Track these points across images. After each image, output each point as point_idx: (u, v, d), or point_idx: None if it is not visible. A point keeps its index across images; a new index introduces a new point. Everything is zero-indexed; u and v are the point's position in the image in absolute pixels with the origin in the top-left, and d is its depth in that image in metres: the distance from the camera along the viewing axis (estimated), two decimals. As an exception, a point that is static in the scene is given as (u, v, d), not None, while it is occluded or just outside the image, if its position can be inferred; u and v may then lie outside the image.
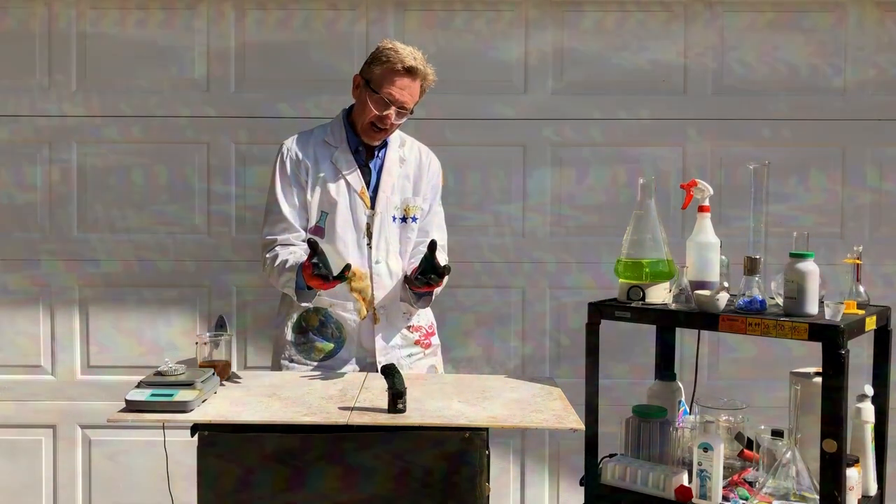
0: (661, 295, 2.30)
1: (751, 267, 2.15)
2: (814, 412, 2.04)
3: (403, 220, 2.60)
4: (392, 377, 2.02)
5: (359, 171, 2.56)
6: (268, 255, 2.52)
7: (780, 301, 2.15)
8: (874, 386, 2.29)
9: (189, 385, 2.04)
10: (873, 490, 2.26)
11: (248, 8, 3.27)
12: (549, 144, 3.30)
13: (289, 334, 2.58)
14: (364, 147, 2.57)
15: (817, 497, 2.02)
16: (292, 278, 2.42)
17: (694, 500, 2.11)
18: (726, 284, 2.18)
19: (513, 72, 3.30)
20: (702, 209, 2.30)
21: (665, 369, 2.54)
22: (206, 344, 2.32)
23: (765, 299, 2.14)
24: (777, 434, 2.15)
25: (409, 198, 2.61)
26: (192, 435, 1.95)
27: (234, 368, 3.18)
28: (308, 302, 2.49)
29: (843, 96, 3.30)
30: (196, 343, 2.33)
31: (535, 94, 3.30)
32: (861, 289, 2.26)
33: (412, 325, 2.63)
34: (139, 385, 2.06)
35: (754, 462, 2.22)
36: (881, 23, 3.29)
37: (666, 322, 2.41)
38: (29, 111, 3.25)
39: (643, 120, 3.28)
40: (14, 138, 3.26)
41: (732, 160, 3.24)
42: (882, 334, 2.28)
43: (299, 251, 2.48)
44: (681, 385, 2.49)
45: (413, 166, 2.64)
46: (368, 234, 2.54)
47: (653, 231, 2.31)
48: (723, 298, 2.15)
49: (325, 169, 2.54)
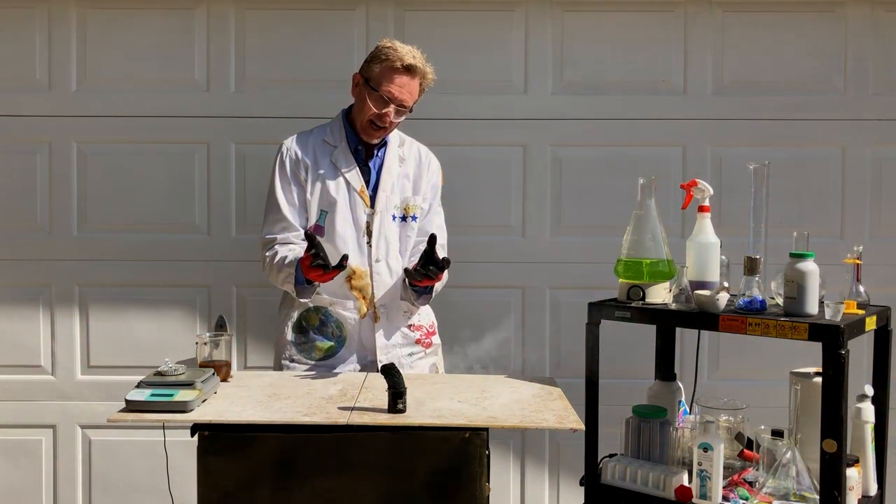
0: (661, 295, 2.30)
1: (751, 267, 2.15)
2: (814, 412, 2.04)
3: (403, 219, 2.60)
4: (392, 377, 2.02)
5: (358, 170, 2.56)
6: (267, 253, 2.52)
7: (780, 301, 2.15)
8: (874, 386, 2.29)
9: (189, 385, 2.04)
10: (873, 490, 2.26)
11: (248, 8, 3.27)
12: (549, 144, 3.30)
13: (289, 334, 2.58)
14: (363, 146, 2.57)
15: (817, 497, 2.02)
16: (291, 274, 2.43)
17: (694, 500, 2.11)
18: (726, 284, 2.18)
19: (513, 72, 3.30)
20: (702, 209, 2.30)
21: (665, 369, 2.54)
22: (206, 344, 2.32)
23: (765, 299, 2.14)
24: (777, 434, 2.15)
25: (409, 197, 2.61)
26: (192, 435, 1.95)
27: (234, 368, 3.19)
28: (307, 298, 2.49)
29: (843, 96, 3.30)
30: (196, 343, 2.33)
31: (535, 94, 3.30)
32: (861, 289, 2.25)
33: (413, 325, 2.63)
34: (139, 385, 2.06)
35: (754, 462, 2.22)
36: (881, 23, 3.29)
37: (666, 322, 2.41)
38: (29, 111, 3.25)
39: (643, 120, 3.28)
40: (14, 138, 3.26)
41: (732, 160, 3.24)
42: (882, 334, 2.28)
43: (298, 249, 2.48)
44: (681, 385, 2.50)
45: (413, 165, 2.64)
46: (368, 232, 2.54)
47: (653, 231, 2.31)
48: (723, 298, 2.15)
49: (324, 168, 2.55)
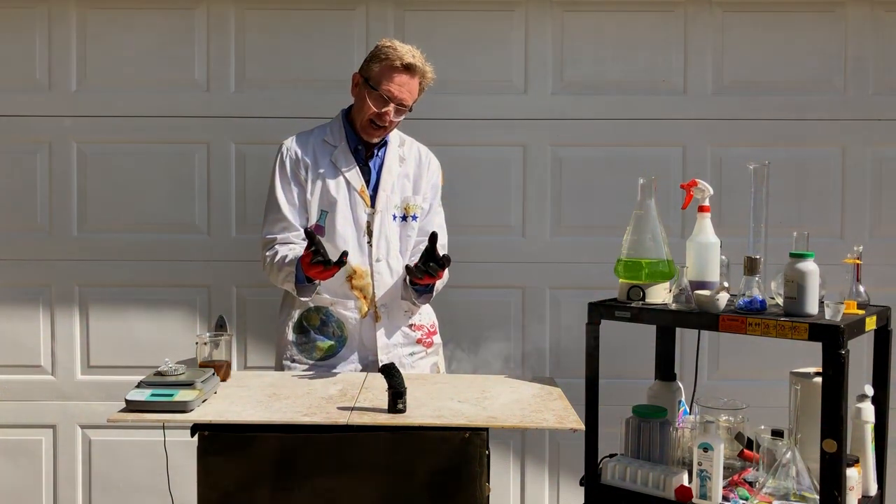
0: (661, 295, 2.30)
1: (751, 267, 2.15)
2: (814, 412, 2.04)
3: (404, 218, 2.60)
4: (392, 377, 2.02)
5: (358, 170, 2.56)
6: (267, 253, 2.53)
7: (780, 301, 2.15)
8: (874, 386, 2.29)
9: (189, 385, 2.04)
10: (873, 490, 2.26)
11: (248, 8, 3.26)
12: (549, 144, 3.30)
13: (290, 334, 2.58)
14: (364, 146, 2.57)
15: (817, 497, 2.02)
16: (292, 272, 2.43)
17: (694, 500, 2.11)
18: (726, 284, 2.18)
19: (513, 72, 3.29)
20: (702, 209, 2.30)
21: (665, 369, 2.54)
22: (206, 344, 2.32)
23: (765, 299, 2.14)
24: (777, 434, 2.15)
25: (409, 196, 2.61)
26: (192, 435, 1.95)
27: (234, 368, 3.19)
28: (308, 297, 2.49)
29: (843, 96, 3.30)
30: (196, 343, 2.33)
31: (535, 94, 3.30)
32: (861, 289, 2.25)
33: (414, 324, 2.63)
34: (139, 385, 2.06)
35: (754, 462, 2.22)
36: (881, 23, 3.29)
37: (666, 322, 2.40)
38: (29, 111, 3.25)
39: (643, 120, 3.28)
40: (14, 138, 3.26)
41: (732, 160, 3.24)
42: (882, 334, 2.28)
43: (298, 248, 2.48)
44: (681, 385, 2.50)
45: (413, 165, 2.64)
46: (369, 232, 2.54)
47: (653, 231, 2.31)
48: (723, 298, 2.15)
49: (324, 167, 2.55)
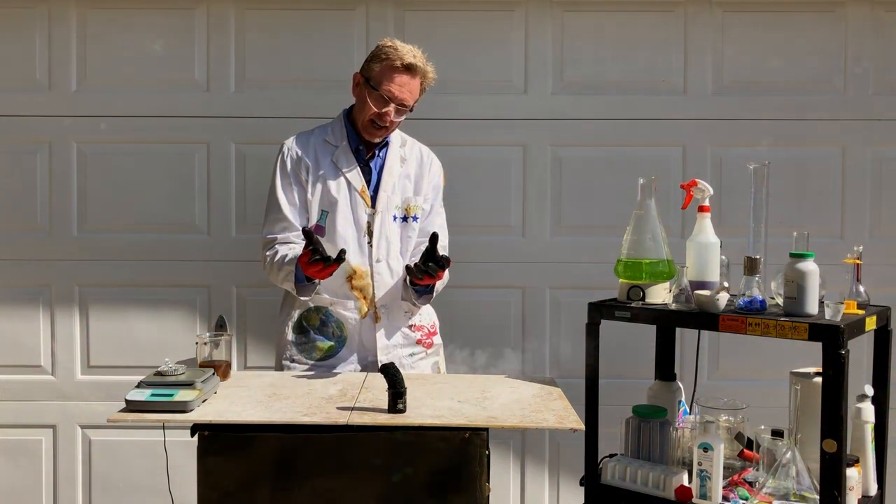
0: (661, 295, 2.30)
1: (751, 267, 2.15)
2: (814, 412, 2.04)
3: (404, 219, 2.60)
4: (392, 377, 2.02)
5: (359, 170, 2.56)
6: (267, 252, 2.53)
7: (780, 301, 2.15)
8: (874, 386, 2.28)
9: (189, 385, 2.04)
10: (873, 490, 2.26)
11: (248, 8, 3.26)
12: (549, 144, 3.30)
13: (289, 334, 2.58)
14: (365, 146, 2.57)
15: (817, 497, 2.02)
16: (291, 272, 2.43)
17: (694, 500, 2.11)
18: (726, 284, 2.18)
19: (513, 72, 3.29)
20: (702, 209, 2.30)
21: (665, 369, 2.54)
22: (206, 344, 2.32)
23: (765, 299, 2.14)
24: (777, 434, 2.15)
25: (410, 197, 2.61)
26: (192, 435, 1.95)
27: (234, 368, 3.19)
28: (308, 296, 2.49)
29: (843, 96, 3.30)
30: (196, 343, 2.33)
31: (535, 94, 3.30)
32: (861, 289, 2.25)
33: (414, 325, 2.63)
34: (139, 385, 2.06)
35: (754, 462, 2.22)
36: (881, 23, 3.29)
37: (666, 322, 2.40)
38: (29, 111, 3.25)
39: (643, 120, 3.28)
40: (14, 138, 3.26)
41: (732, 160, 3.24)
42: (882, 334, 2.28)
43: (298, 248, 2.48)
44: (681, 385, 2.50)
45: (414, 166, 2.64)
46: (369, 232, 2.54)
47: (653, 231, 2.31)
48: (723, 298, 2.15)
49: (325, 167, 2.54)
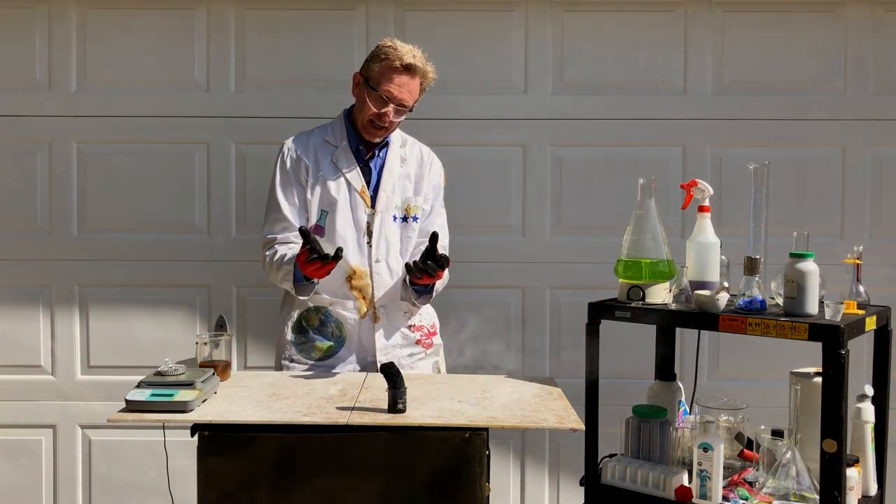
0: (661, 295, 2.30)
1: (751, 267, 2.15)
2: (814, 412, 2.04)
3: (404, 219, 2.59)
4: (392, 377, 2.02)
5: (359, 170, 2.56)
6: (267, 252, 2.53)
7: (780, 301, 2.15)
8: (874, 386, 2.29)
9: (189, 385, 2.04)
10: (873, 490, 2.26)
11: (248, 8, 3.26)
12: (549, 144, 3.30)
13: (289, 334, 2.58)
14: (365, 146, 2.57)
15: (817, 497, 2.02)
16: (290, 271, 2.43)
17: (694, 500, 2.11)
18: (726, 284, 2.18)
19: (513, 72, 3.29)
20: (702, 209, 2.30)
21: (665, 369, 2.54)
22: (206, 344, 2.32)
23: (765, 299, 2.14)
24: (777, 434, 2.15)
25: (410, 197, 2.61)
26: (192, 435, 1.95)
27: (234, 368, 3.19)
28: (307, 296, 2.49)
29: (843, 96, 3.30)
30: (196, 343, 2.33)
31: (535, 94, 3.30)
32: (861, 289, 2.25)
33: (413, 325, 2.63)
34: (139, 385, 2.06)
35: (754, 462, 2.22)
36: (881, 23, 3.29)
37: (666, 322, 2.40)
38: (29, 111, 3.25)
39: (643, 120, 3.28)
40: (14, 138, 3.26)
41: (732, 160, 3.24)
42: (882, 334, 2.28)
43: (297, 248, 2.47)
44: (681, 385, 2.50)
45: (414, 166, 2.64)
46: (369, 232, 2.54)
47: (653, 231, 2.31)
48: (723, 298, 2.15)
49: (325, 167, 2.54)
